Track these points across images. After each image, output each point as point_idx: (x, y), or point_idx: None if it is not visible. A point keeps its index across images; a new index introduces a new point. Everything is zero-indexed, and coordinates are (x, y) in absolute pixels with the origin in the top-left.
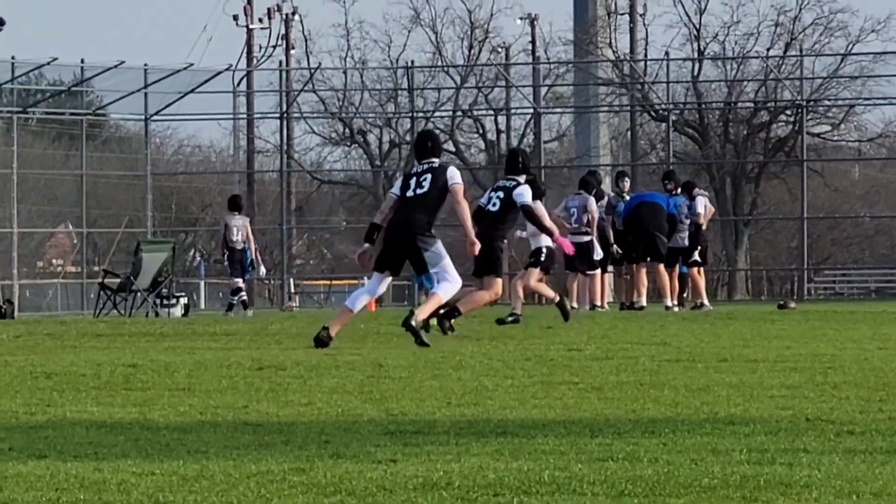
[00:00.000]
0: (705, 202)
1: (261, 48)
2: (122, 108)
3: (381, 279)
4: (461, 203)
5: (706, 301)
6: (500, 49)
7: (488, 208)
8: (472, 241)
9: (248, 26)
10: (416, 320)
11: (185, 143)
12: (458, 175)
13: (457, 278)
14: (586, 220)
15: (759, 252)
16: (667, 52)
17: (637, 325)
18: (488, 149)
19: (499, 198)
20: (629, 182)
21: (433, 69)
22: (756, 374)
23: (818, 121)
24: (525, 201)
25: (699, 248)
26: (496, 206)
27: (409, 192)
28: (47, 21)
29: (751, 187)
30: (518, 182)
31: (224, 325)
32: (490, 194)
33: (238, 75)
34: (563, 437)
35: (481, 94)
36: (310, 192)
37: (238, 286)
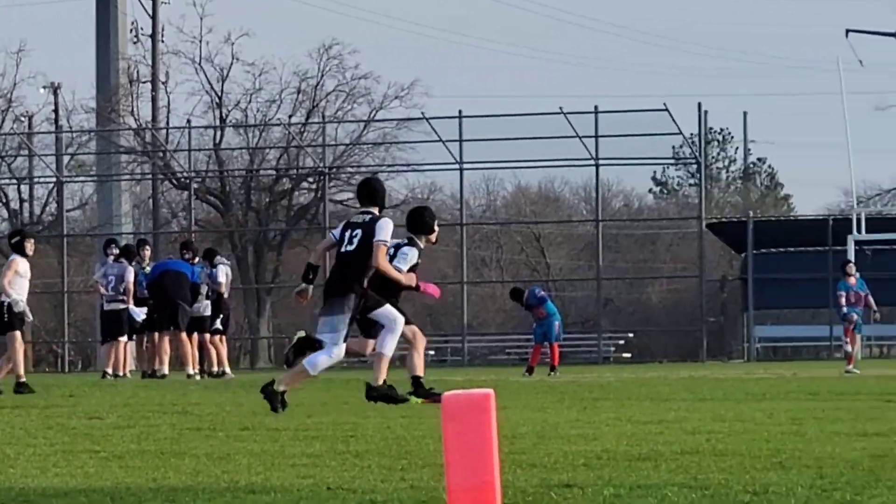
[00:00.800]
0: (226, 270)
1: None
2: None
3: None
4: (380, 263)
5: (228, 369)
6: (23, 118)
7: None
8: (418, 286)
9: None
10: (375, 385)
11: None
12: (384, 231)
13: (396, 323)
14: (122, 289)
15: (281, 320)
16: (189, 120)
17: (159, 392)
18: (11, 218)
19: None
20: (150, 250)
21: None
22: (278, 443)
23: (341, 188)
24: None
25: (221, 315)
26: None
27: (342, 248)
28: None
29: (273, 255)
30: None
31: None
32: None
33: None
34: None
35: (4, 164)
36: None
37: None
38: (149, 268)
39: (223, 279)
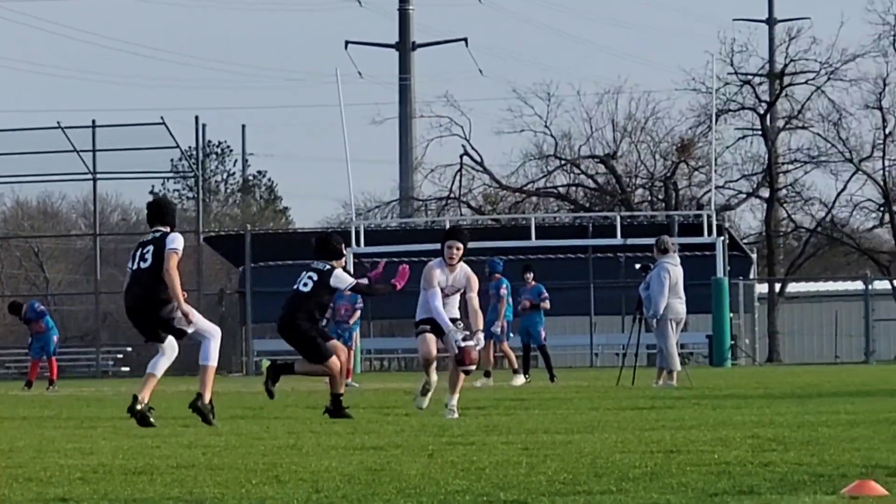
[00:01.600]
0: None
1: None
2: None
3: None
4: (169, 272)
5: None
6: None
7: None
8: (185, 312)
9: None
10: (202, 402)
11: None
12: (176, 242)
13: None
14: None
15: None
16: None
17: None
18: None
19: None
20: None
21: None
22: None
23: None
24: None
25: None
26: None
27: (134, 265)
28: None
29: None
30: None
31: None
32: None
33: None
34: None
35: None
36: None
37: None
38: None
39: None
